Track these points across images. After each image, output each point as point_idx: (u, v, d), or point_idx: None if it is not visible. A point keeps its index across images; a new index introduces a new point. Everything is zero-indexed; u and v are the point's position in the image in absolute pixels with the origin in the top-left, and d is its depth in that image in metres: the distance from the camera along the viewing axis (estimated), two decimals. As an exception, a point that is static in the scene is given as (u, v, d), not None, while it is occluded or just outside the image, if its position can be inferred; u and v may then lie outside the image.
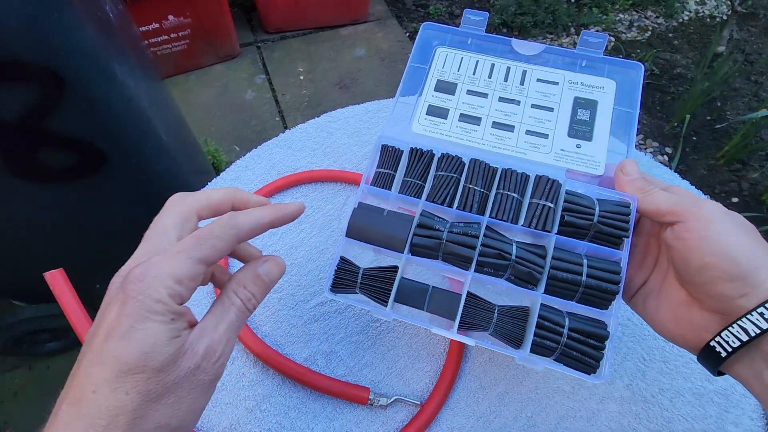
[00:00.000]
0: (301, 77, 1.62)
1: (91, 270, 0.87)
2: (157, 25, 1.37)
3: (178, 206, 0.27)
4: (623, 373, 0.42)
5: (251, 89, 1.59)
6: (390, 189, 0.36)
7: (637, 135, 1.49)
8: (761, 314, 0.24)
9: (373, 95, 1.59)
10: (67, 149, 0.64)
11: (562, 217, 0.33)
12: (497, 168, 0.36)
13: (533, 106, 0.40)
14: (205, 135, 1.43)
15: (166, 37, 1.42)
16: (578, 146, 0.38)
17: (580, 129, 0.38)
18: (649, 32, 1.79)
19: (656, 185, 0.31)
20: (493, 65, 0.41)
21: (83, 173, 0.68)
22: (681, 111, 1.47)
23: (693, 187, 0.53)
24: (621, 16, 1.86)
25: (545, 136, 0.38)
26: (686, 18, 1.86)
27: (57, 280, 0.39)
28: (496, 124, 0.39)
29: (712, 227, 0.27)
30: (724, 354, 0.26)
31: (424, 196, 0.35)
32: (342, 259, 0.34)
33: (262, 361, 0.41)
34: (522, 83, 0.40)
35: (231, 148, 1.43)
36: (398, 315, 0.33)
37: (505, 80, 0.41)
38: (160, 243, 0.25)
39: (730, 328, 0.25)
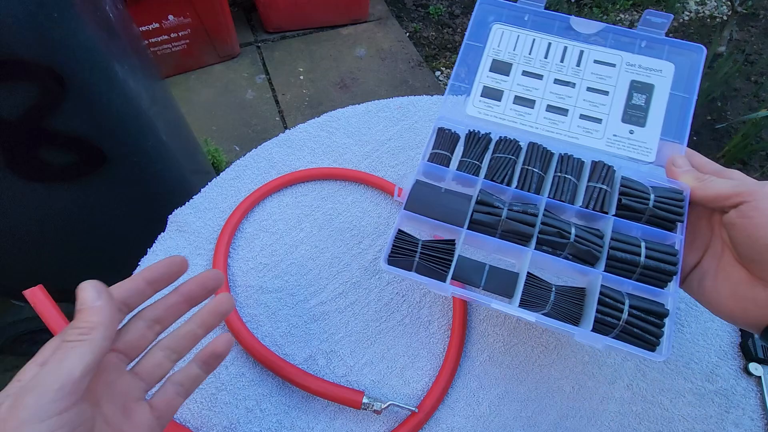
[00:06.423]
0: (302, 77, 1.62)
1: (90, 269, 0.87)
2: (157, 25, 1.37)
3: None
4: (624, 374, 0.41)
5: (251, 89, 1.58)
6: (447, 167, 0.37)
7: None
8: None
9: (373, 95, 1.59)
10: (68, 148, 0.64)
11: (619, 200, 0.34)
12: (554, 153, 0.37)
13: (589, 89, 0.39)
14: (205, 135, 1.42)
15: (166, 36, 1.42)
16: (631, 132, 0.38)
17: (635, 114, 0.38)
18: (650, 32, 1.79)
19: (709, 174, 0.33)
20: (549, 44, 0.41)
21: (83, 172, 0.68)
22: (681, 111, 1.46)
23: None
24: (621, 16, 1.86)
25: (599, 120, 0.38)
26: (686, 18, 1.85)
27: (37, 296, 0.39)
28: (550, 108, 0.39)
29: None
30: None
31: (482, 175, 0.36)
32: (399, 231, 0.34)
33: (259, 362, 0.41)
34: (578, 64, 0.40)
35: (231, 148, 1.43)
36: (458, 290, 0.33)
37: (562, 61, 0.40)
38: None
39: None
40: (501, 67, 0.41)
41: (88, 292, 0.25)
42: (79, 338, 0.23)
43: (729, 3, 1.75)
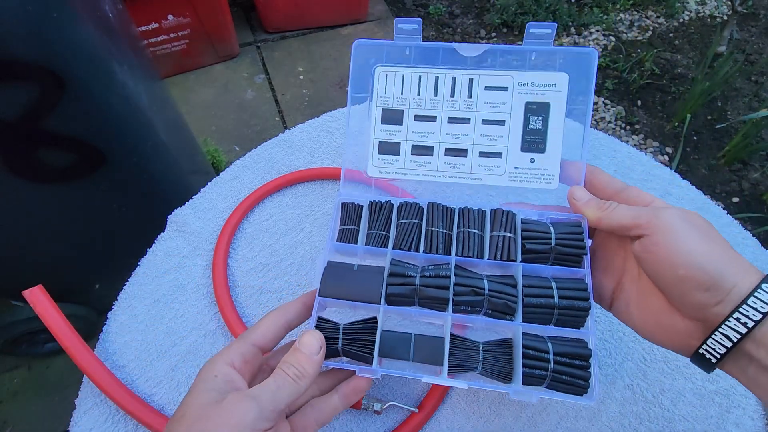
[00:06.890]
0: (301, 77, 1.62)
1: (90, 269, 0.87)
2: (156, 25, 1.37)
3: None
4: (624, 374, 0.41)
5: (251, 89, 1.58)
6: (356, 243, 0.36)
7: (637, 135, 1.48)
8: (737, 319, 0.25)
9: (373, 95, 1.58)
10: (66, 149, 0.63)
11: (523, 245, 0.34)
12: (454, 208, 0.36)
13: (484, 121, 0.37)
14: (204, 135, 1.42)
15: (165, 36, 1.42)
16: (532, 160, 0.37)
17: (533, 140, 0.37)
18: (650, 32, 1.79)
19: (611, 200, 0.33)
20: (437, 78, 0.38)
21: (82, 173, 0.68)
22: (682, 111, 1.46)
23: (693, 187, 0.53)
24: (622, 15, 1.86)
25: (499, 155, 0.37)
26: (687, 18, 1.85)
27: (37, 296, 0.39)
28: (449, 151, 0.38)
29: (677, 238, 0.27)
30: (714, 360, 0.27)
31: (390, 245, 0.35)
32: (319, 318, 0.33)
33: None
34: (470, 96, 0.37)
35: (231, 148, 1.43)
36: (387, 370, 0.32)
37: (452, 95, 0.38)
38: None
39: (714, 336, 0.26)
40: (392, 117, 0.38)
41: (314, 344, 0.29)
42: (294, 378, 0.27)
43: (729, 3, 1.75)
